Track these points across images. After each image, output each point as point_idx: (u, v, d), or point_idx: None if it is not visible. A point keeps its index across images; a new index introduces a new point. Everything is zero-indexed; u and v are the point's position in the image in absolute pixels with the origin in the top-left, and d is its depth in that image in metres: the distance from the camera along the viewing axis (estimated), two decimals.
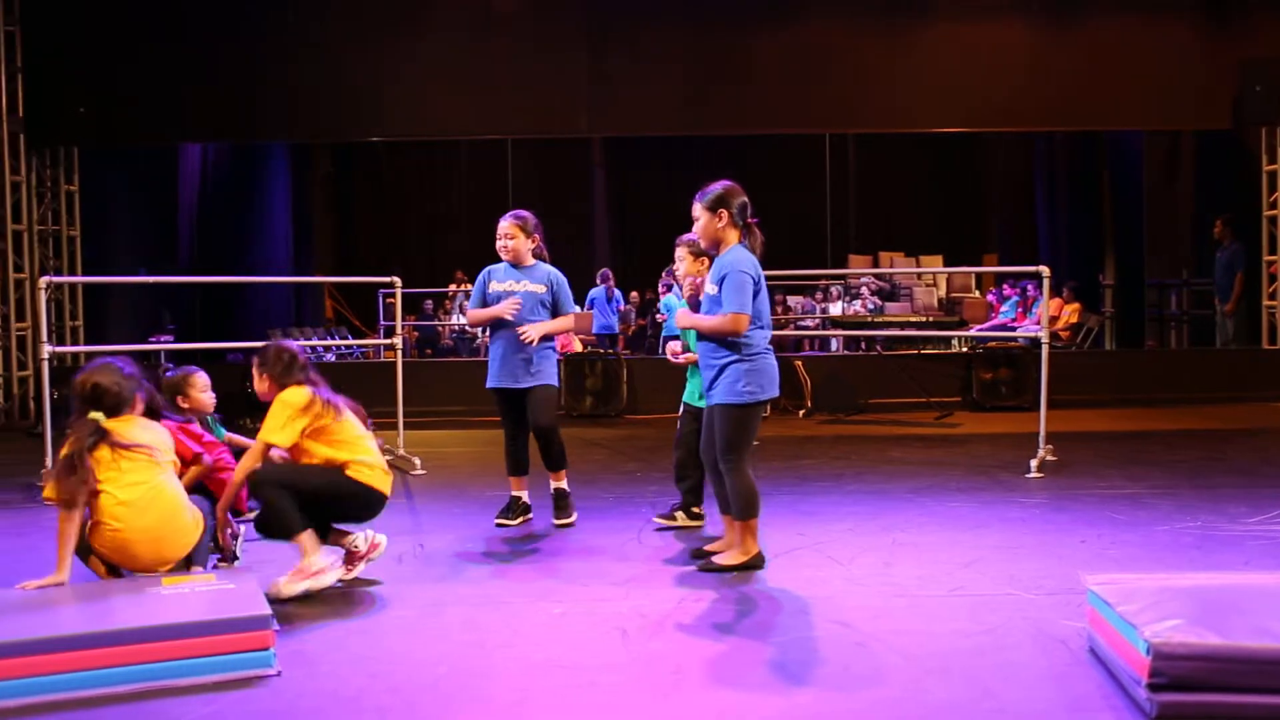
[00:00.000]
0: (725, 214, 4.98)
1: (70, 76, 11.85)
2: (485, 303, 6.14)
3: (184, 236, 15.96)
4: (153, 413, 4.78)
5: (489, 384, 6.09)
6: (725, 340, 4.91)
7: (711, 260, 5.40)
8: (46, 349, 7.30)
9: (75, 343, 12.26)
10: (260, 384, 4.96)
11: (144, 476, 4.47)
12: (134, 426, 4.55)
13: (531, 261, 6.15)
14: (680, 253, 5.79)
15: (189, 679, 3.64)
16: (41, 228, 12.12)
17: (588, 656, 3.89)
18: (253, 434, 5.07)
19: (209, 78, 11.93)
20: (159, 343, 13.11)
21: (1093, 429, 9.71)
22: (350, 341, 16.36)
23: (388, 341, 9.53)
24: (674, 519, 6.01)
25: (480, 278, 6.20)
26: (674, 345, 5.98)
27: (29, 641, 3.56)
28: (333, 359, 15.35)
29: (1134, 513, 6.16)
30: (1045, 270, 7.99)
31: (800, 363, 11.47)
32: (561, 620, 4.34)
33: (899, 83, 11.98)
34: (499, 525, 6.11)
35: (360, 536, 4.98)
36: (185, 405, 5.56)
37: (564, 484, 6.20)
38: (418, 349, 16.47)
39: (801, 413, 11.02)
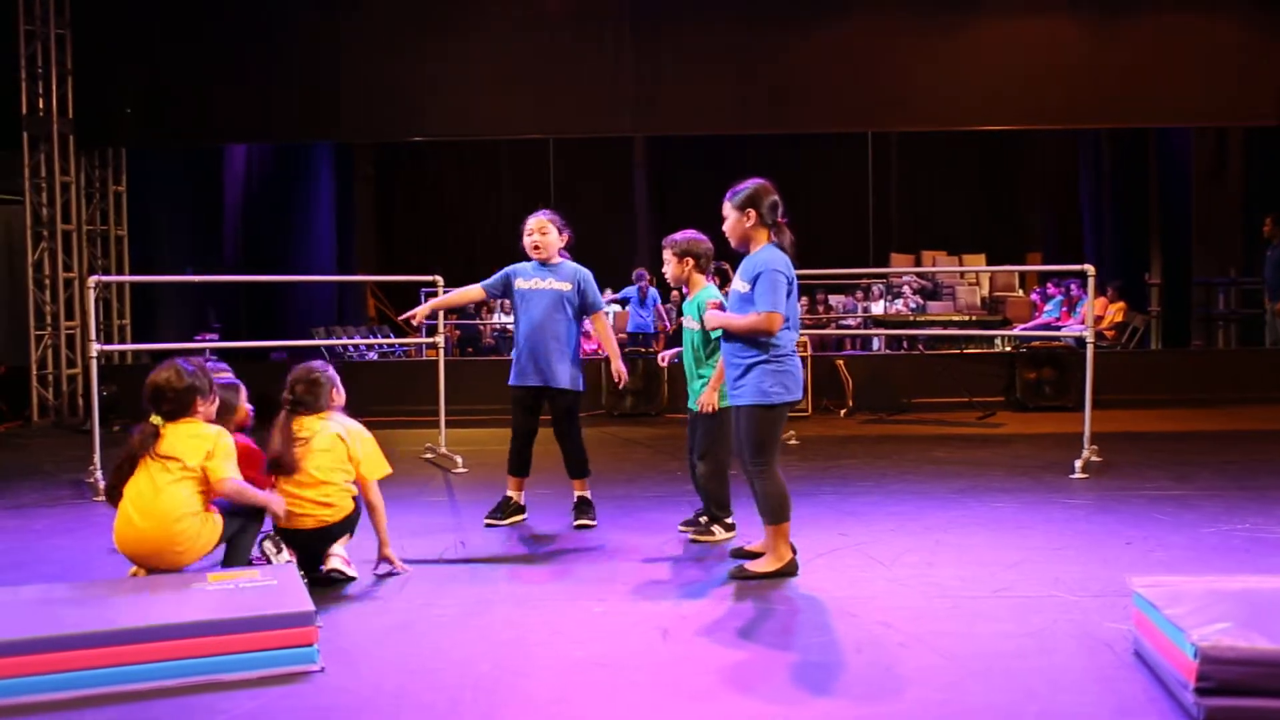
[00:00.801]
0: (754, 213, 4.90)
1: (118, 78, 12.00)
2: (503, 295, 6.17)
3: (229, 236, 16.13)
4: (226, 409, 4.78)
5: (511, 381, 6.05)
6: (754, 340, 4.84)
7: (696, 262, 5.58)
8: (95, 347, 7.40)
9: (123, 341, 12.42)
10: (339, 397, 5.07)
11: (155, 481, 4.44)
12: (181, 435, 4.51)
13: (558, 260, 6.12)
14: (666, 255, 5.71)
15: (234, 674, 3.68)
16: (90, 228, 12.29)
17: (628, 655, 3.90)
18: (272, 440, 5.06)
19: (254, 79, 12.05)
20: (204, 341, 13.26)
21: (1138, 429, 9.60)
22: (392, 340, 16.46)
23: (429, 340, 9.57)
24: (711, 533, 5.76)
25: (505, 271, 6.14)
26: (666, 353, 5.95)
27: (77, 636, 3.61)
28: (375, 357, 15.47)
29: (1181, 514, 6.09)
30: (1090, 269, 7.91)
31: (842, 362, 11.43)
32: (602, 619, 4.35)
33: (942, 80, 11.90)
34: (488, 525, 6.08)
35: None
36: (235, 420, 5.40)
37: (586, 493, 6.16)
38: (459, 348, 16.54)
39: (843, 412, 10.98)
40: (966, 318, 14.36)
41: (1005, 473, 7.56)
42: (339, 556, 4.91)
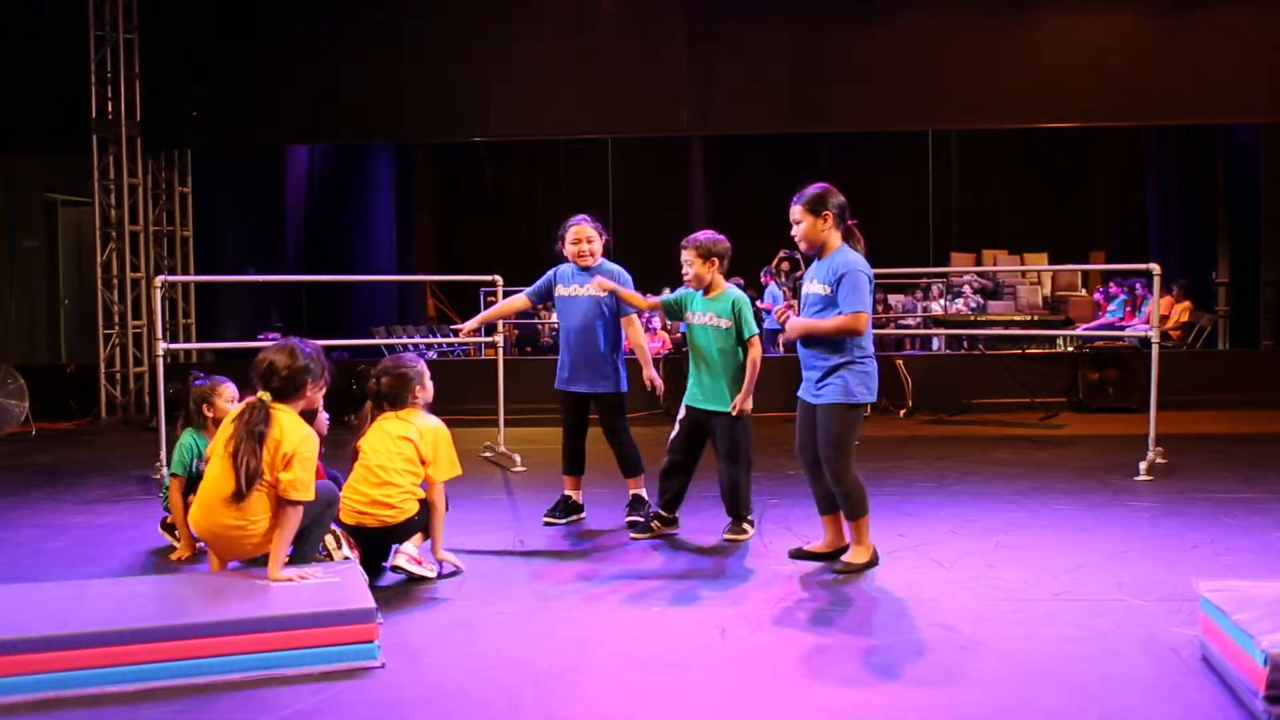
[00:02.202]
0: (830, 215, 4.96)
1: (185, 82, 12.18)
2: (547, 300, 6.28)
3: (291, 236, 16.33)
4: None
5: (556, 385, 6.12)
6: (839, 343, 4.89)
7: (720, 263, 5.65)
8: (161, 346, 7.52)
9: (188, 340, 12.61)
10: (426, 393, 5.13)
11: (221, 469, 4.37)
12: (287, 431, 4.40)
13: (597, 262, 6.13)
14: (688, 255, 5.69)
15: (296, 669, 3.73)
16: (156, 228, 12.49)
17: (687, 654, 3.89)
18: (355, 431, 5.14)
19: (317, 81, 12.19)
20: (267, 340, 13.42)
21: (1205, 431, 9.44)
22: (451, 340, 16.57)
23: (488, 339, 9.62)
24: (651, 529, 5.84)
25: (546, 276, 6.21)
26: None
27: (144, 630, 3.68)
28: (434, 357, 15.57)
29: (1249, 517, 5.98)
30: (1155, 267, 7.78)
31: (901, 362, 11.34)
32: (661, 618, 4.35)
33: (1004, 77, 11.77)
34: (547, 524, 6.12)
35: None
36: (210, 414, 5.50)
37: (640, 491, 6.17)
38: (518, 347, 16.61)
39: (903, 412, 10.89)
40: (1028, 317, 14.16)
41: (1068, 475, 7.46)
42: (406, 555, 4.93)
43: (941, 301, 15.49)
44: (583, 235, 6.09)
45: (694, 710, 3.42)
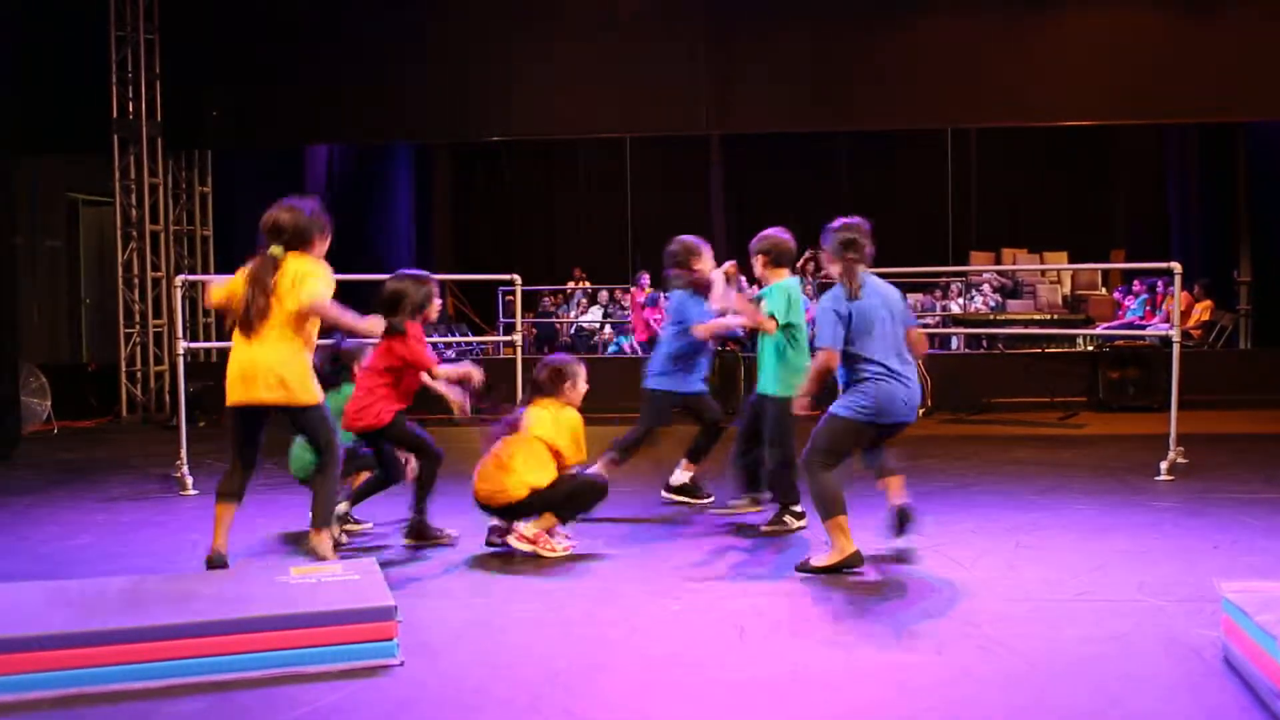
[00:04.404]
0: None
1: (205, 82, 12.22)
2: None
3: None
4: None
5: (688, 389, 6.32)
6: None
7: (766, 258, 5.94)
8: (181, 345, 7.56)
9: (208, 339, 12.65)
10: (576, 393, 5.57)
11: (267, 324, 4.73)
12: (288, 271, 4.78)
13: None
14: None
15: (315, 667, 3.74)
16: (177, 228, 12.54)
17: (706, 653, 3.89)
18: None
19: (336, 81, 12.21)
20: None
21: (1226, 431, 9.38)
22: (470, 339, 16.60)
23: (507, 338, 9.64)
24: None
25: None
26: None
27: (164, 627, 3.70)
28: (453, 355, 15.60)
29: (1271, 518, 5.94)
30: (1176, 266, 7.73)
31: (921, 361, 11.29)
32: (680, 617, 4.35)
33: (1024, 75, 11.70)
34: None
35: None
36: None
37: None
38: (536, 346, 16.63)
39: (922, 411, 10.85)
40: (1048, 316, 14.10)
41: (1088, 474, 7.43)
42: (518, 533, 5.32)
43: (961, 300, 15.44)
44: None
45: (712, 709, 3.42)
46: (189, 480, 7.29)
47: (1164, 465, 7.26)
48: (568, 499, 5.35)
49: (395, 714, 3.42)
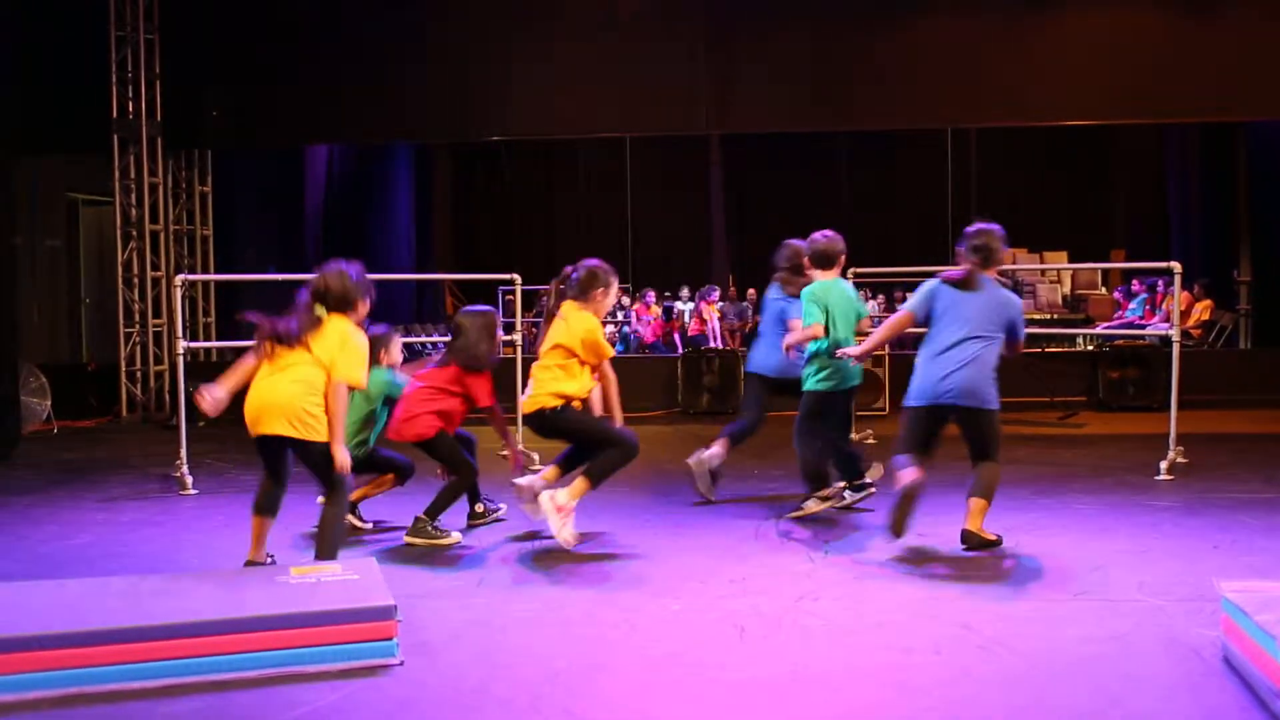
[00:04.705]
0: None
1: (205, 82, 12.22)
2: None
3: (310, 235, 16.36)
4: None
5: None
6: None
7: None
8: (181, 344, 7.56)
9: (208, 339, 12.66)
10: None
11: (290, 360, 4.80)
12: (329, 330, 4.83)
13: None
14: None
15: (315, 666, 3.74)
16: (177, 227, 12.54)
17: (706, 653, 3.89)
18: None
19: (336, 81, 12.20)
20: None
21: (1226, 431, 9.38)
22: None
23: (507, 338, 9.63)
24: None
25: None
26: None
27: (164, 626, 3.70)
28: None
29: (1271, 518, 5.94)
30: (1176, 266, 7.73)
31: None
32: (680, 617, 4.35)
33: (1024, 75, 11.69)
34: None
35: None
36: (385, 360, 6.07)
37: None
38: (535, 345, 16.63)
39: None
40: (1048, 316, 14.12)
41: (1088, 474, 7.43)
42: (552, 497, 5.38)
43: None
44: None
45: (712, 708, 3.42)
46: (189, 480, 7.29)
47: (1164, 465, 7.26)
48: (593, 445, 5.55)
49: (395, 714, 3.42)
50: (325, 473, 4.80)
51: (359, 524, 6.04)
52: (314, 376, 4.77)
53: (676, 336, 15.43)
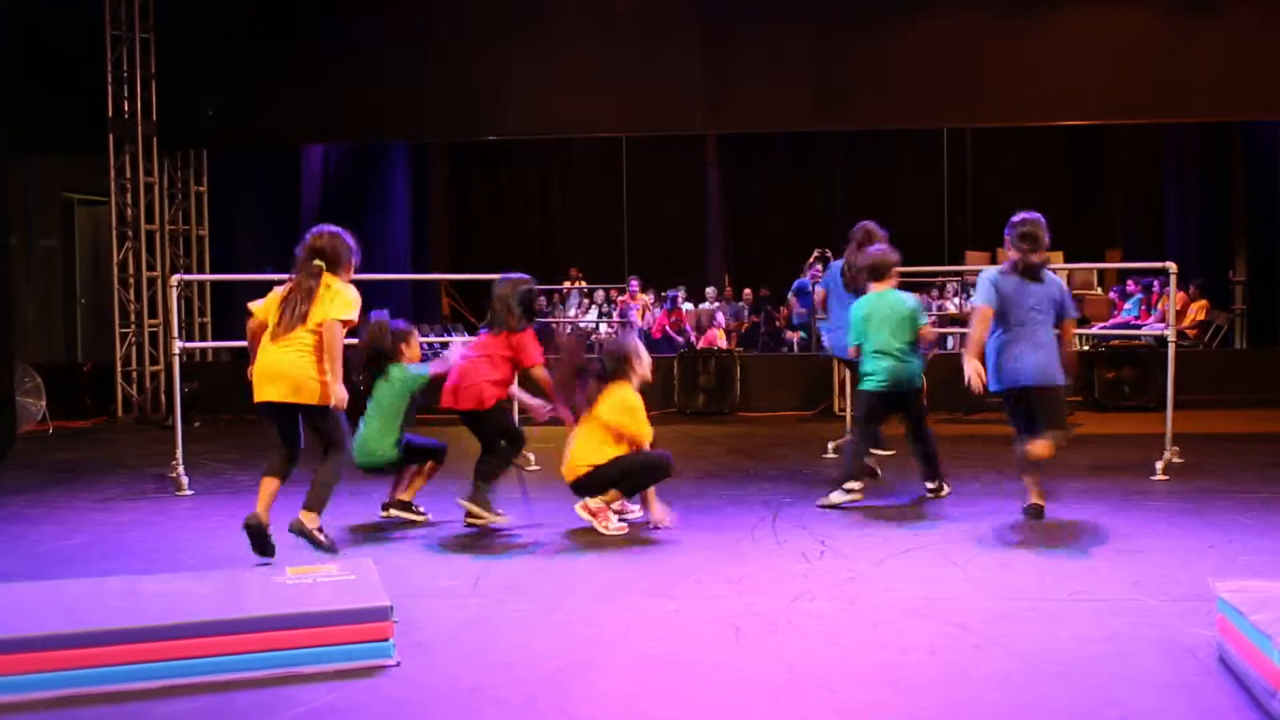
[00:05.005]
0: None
1: (200, 81, 12.22)
2: None
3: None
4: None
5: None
6: None
7: None
8: (177, 344, 7.55)
9: (204, 339, 12.66)
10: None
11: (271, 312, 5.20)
12: (333, 281, 5.27)
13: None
14: None
15: (311, 667, 3.74)
16: (172, 227, 12.53)
17: (702, 654, 3.90)
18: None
19: (333, 80, 12.20)
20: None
21: (1222, 430, 9.40)
22: (466, 338, 16.58)
23: None
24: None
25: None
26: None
27: (161, 627, 3.70)
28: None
29: (1267, 517, 5.95)
30: (1172, 266, 7.75)
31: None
32: (676, 617, 4.35)
33: (1020, 75, 11.71)
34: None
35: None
36: (406, 354, 6.16)
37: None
38: None
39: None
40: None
41: (1084, 474, 7.43)
42: (583, 504, 5.79)
43: (957, 300, 15.45)
44: None
45: (708, 709, 3.42)
46: (184, 480, 7.28)
47: (1159, 465, 7.27)
48: (623, 475, 5.78)
49: (391, 714, 3.42)
50: (331, 433, 5.21)
51: (417, 518, 6.20)
52: (308, 342, 5.13)
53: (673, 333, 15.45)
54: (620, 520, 5.90)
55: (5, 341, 9.54)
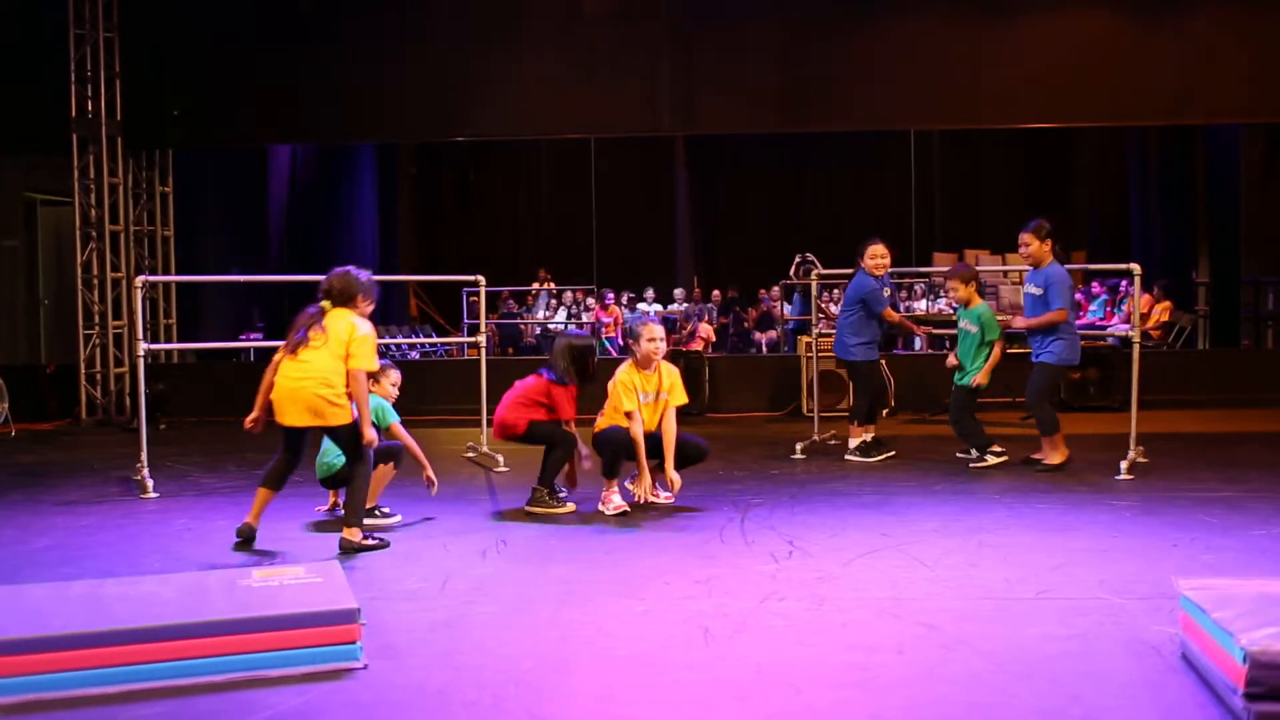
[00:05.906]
0: (1050, 241, 7.79)
1: (166, 81, 12.13)
2: None
3: (274, 236, 16.26)
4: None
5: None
6: (1054, 326, 7.63)
7: (976, 284, 8.47)
8: (142, 346, 7.49)
9: (169, 340, 12.56)
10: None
11: (312, 348, 5.50)
12: (339, 318, 5.60)
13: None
14: (952, 284, 8.53)
15: (278, 670, 3.72)
16: (137, 228, 12.42)
17: (670, 654, 3.90)
18: None
19: (299, 81, 12.15)
20: (249, 340, 13.40)
21: (1185, 430, 9.49)
22: (434, 340, 16.55)
23: (471, 339, 9.62)
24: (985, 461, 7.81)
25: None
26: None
27: (125, 631, 3.66)
28: (417, 356, 15.55)
29: (1229, 516, 6.01)
30: (1136, 267, 7.82)
31: (884, 361, 11.34)
32: (645, 617, 4.35)
33: (986, 78, 11.81)
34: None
35: None
36: (375, 390, 6.24)
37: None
38: (500, 347, 16.60)
39: (885, 412, 10.89)
40: (1009, 317, 14.20)
41: (1049, 474, 7.49)
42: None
43: (924, 301, 15.54)
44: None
45: (677, 709, 3.42)
46: (149, 483, 7.22)
47: (1124, 464, 7.34)
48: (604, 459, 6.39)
49: (359, 718, 3.40)
50: (351, 447, 5.55)
51: (383, 520, 6.22)
52: (327, 368, 5.46)
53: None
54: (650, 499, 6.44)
55: None
